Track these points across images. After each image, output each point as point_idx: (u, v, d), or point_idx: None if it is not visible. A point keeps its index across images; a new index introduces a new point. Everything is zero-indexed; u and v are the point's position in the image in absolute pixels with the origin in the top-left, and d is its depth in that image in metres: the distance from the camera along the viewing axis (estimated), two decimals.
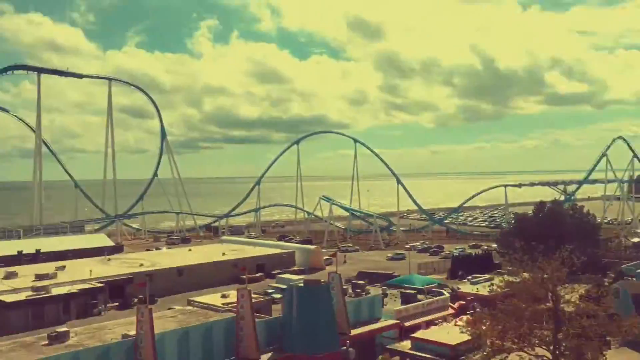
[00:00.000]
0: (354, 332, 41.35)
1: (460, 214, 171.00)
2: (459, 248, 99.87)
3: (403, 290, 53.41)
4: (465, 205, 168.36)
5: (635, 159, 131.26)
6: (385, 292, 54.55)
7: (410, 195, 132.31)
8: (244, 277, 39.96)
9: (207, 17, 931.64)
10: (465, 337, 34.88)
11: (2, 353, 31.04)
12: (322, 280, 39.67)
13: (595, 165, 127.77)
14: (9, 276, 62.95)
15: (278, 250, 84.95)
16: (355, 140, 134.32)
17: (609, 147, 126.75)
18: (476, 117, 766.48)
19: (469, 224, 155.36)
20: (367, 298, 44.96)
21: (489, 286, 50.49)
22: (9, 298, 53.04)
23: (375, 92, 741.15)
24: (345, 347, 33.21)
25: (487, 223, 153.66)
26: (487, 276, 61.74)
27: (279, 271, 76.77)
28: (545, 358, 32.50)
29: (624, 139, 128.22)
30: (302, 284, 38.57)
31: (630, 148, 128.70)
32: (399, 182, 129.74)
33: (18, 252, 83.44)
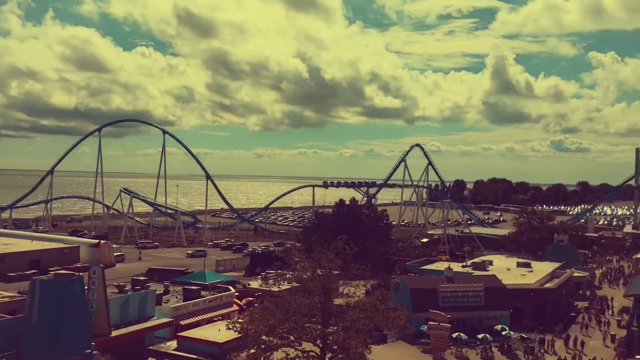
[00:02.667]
0: (117, 332, 36.65)
1: (272, 214, 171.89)
2: (264, 245, 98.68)
3: (187, 287, 49.59)
4: (278, 206, 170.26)
5: (430, 167, 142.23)
6: (168, 288, 50.28)
7: (220, 193, 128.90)
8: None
9: None
10: (237, 334, 32.20)
11: None
12: (77, 274, 34.31)
13: (394, 170, 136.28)
14: None
15: (59, 245, 75.75)
16: (165, 132, 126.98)
17: (407, 153, 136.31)
18: (300, 124, 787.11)
19: (279, 223, 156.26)
20: (137, 295, 40.25)
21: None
22: None
23: (203, 91, 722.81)
24: (89, 351, 28.35)
25: (296, 222, 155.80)
26: (280, 272, 60.42)
27: (57, 268, 67.99)
28: (313, 353, 31.05)
29: (421, 147, 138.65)
30: (47, 278, 32.82)
31: (426, 156, 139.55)
32: (208, 178, 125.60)
33: None
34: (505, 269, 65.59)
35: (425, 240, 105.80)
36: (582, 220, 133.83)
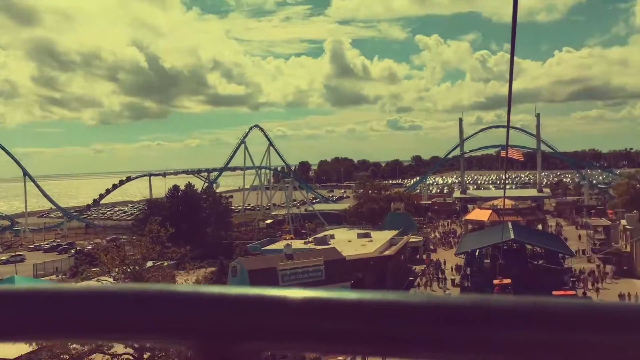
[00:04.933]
0: None
1: (109, 209, 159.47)
2: (93, 243, 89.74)
3: None
4: (116, 200, 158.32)
5: (272, 149, 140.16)
6: None
7: (40, 189, 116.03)
8: None
9: None
10: (30, 346, 26.68)
11: None
12: None
13: (234, 153, 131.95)
14: None
15: None
16: None
17: (246, 135, 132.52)
18: (141, 115, 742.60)
19: (115, 217, 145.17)
20: None
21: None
22: None
23: (29, 85, 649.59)
24: None
25: (134, 216, 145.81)
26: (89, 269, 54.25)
27: None
28: (127, 356, 26.73)
29: (260, 128, 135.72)
30: None
31: (267, 137, 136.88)
32: (25, 174, 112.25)
33: None
34: (347, 241, 65.23)
35: (269, 221, 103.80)
36: (417, 190, 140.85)
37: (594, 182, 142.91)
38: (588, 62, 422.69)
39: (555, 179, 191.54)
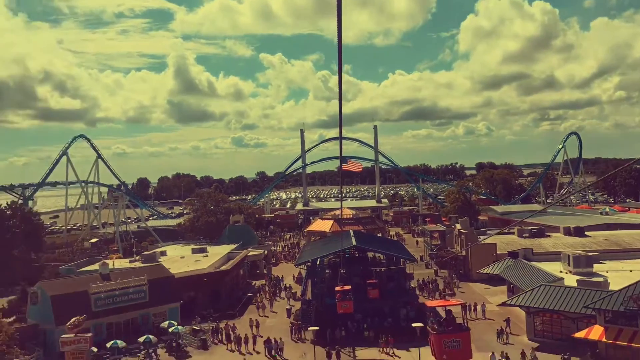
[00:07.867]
0: None
1: None
2: None
3: None
4: None
5: (102, 164, 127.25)
6: None
7: None
8: None
9: None
10: None
11: None
12: None
13: (54, 166, 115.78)
14: None
15: None
16: None
17: (69, 145, 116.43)
18: None
19: None
20: None
21: None
22: None
23: None
24: None
25: None
26: None
27: None
28: None
29: (86, 138, 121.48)
30: None
31: (94, 148, 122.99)
32: None
33: None
34: (179, 258, 59.05)
35: (94, 240, 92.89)
36: (259, 204, 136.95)
37: (427, 193, 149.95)
38: (418, 85, 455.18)
39: (392, 191, 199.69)
